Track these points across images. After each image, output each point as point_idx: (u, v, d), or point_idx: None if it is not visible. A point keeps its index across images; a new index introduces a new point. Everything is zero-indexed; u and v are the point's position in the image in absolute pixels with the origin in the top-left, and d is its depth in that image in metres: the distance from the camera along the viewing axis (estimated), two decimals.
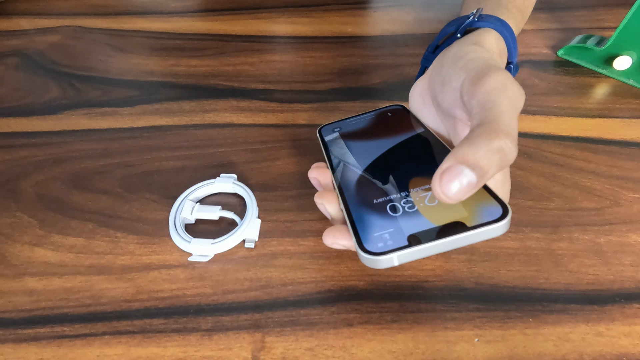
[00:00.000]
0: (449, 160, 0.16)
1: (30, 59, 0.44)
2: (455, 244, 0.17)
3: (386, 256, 0.17)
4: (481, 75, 0.19)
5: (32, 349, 0.23)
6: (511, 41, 0.26)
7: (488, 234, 0.17)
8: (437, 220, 0.18)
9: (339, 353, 0.22)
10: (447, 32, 0.28)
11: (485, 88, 0.18)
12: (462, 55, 0.22)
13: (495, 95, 0.18)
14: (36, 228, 0.28)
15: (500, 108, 0.17)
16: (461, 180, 0.15)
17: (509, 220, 0.17)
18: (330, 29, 0.48)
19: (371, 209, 0.20)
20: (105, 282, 0.25)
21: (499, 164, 0.16)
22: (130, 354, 0.22)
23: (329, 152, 0.26)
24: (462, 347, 0.22)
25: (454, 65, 0.22)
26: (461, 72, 0.21)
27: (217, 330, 0.23)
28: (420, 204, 0.19)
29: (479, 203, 0.18)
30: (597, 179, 0.30)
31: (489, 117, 0.17)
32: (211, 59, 0.44)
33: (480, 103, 0.18)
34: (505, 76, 0.19)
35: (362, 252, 0.18)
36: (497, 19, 0.26)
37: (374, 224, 0.19)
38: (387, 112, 0.28)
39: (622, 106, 0.36)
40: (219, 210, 0.28)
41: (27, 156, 0.34)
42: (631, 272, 0.25)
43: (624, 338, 0.22)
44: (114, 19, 0.51)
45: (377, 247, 0.18)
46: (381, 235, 0.18)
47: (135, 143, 0.34)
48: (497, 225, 0.17)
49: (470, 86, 0.19)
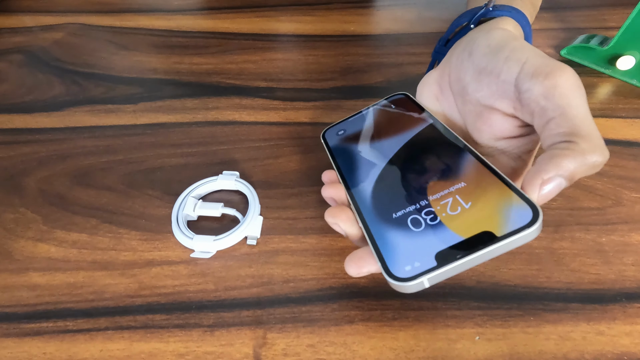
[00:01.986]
0: (551, 169, 0.16)
1: (34, 56, 0.45)
2: (486, 256, 0.16)
3: (416, 281, 0.16)
4: (547, 72, 0.18)
5: (36, 344, 0.23)
6: (527, 29, 0.26)
7: (520, 240, 0.15)
8: (464, 232, 0.17)
9: (340, 350, 0.22)
10: (459, 24, 0.27)
11: (560, 91, 0.18)
12: (502, 43, 0.21)
13: (572, 98, 0.18)
14: (40, 224, 0.29)
15: (580, 113, 0.17)
16: (555, 187, 0.16)
17: (541, 222, 0.15)
18: (333, 27, 0.48)
19: (392, 225, 0.19)
20: (108, 277, 0.26)
21: (586, 173, 0.17)
22: (133, 349, 0.22)
23: (337, 160, 0.24)
24: (463, 345, 0.22)
25: (495, 54, 0.21)
26: (511, 64, 0.20)
27: (219, 326, 0.23)
28: (443, 214, 0.18)
29: (507, 206, 0.16)
30: (600, 179, 0.30)
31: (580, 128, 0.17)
32: (214, 57, 0.44)
33: (557, 106, 0.18)
34: (574, 74, 0.18)
35: (390, 279, 0.17)
36: (512, 7, 0.26)
37: (397, 243, 0.18)
38: (391, 105, 0.26)
39: (625, 106, 0.36)
40: (221, 207, 0.28)
41: (30, 152, 0.34)
42: (633, 271, 0.25)
43: (625, 337, 0.22)
44: (117, 17, 0.51)
45: (404, 272, 0.17)
46: (407, 257, 0.17)
47: (138, 140, 0.35)
48: (529, 231, 0.15)
49: (536, 83, 0.19)
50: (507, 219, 0.16)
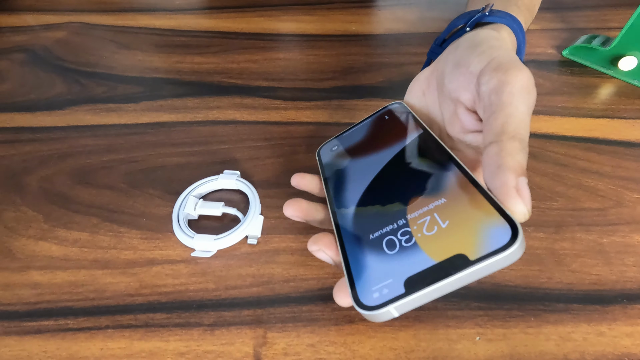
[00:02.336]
0: (512, 175, 0.15)
1: (35, 55, 0.45)
2: (460, 282, 0.15)
3: (382, 310, 0.15)
4: (506, 68, 0.18)
5: (36, 342, 0.23)
6: (521, 37, 0.26)
7: (497, 265, 0.14)
8: (437, 255, 0.15)
9: (341, 349, 0.22)
10: (456, 25, 0.27)
11: (510, 88, 0.18)
12: (483, 40, 0.21)
13: (519, 99, 0.18)
14: (41, 222, 0.29)
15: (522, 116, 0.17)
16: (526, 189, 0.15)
17: (522, 242, 0.14)
18: (334, 27, 0.48)
19: (367, 248, 0.18)
20: (109, 276, 0.26)
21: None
22: (133, 348, 0.23)
23: (326, 179, 0.24)
24: (464, 345, 0.22)
25: (474, 48, 0.21)
26: (482, 57, 0.20)
27: (219, 325, 0.23)
28: (419, 234, 0.17)
29: (482, 224, 0.15)
30: (601, 180, 0.30)
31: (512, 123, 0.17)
32: (215, 57, 0.44)
33: (503, 103, 0.18)
34: (530, 79, 0.18)
35: (357, 307, 0.16)
36: (508, 15, 0.26)
37: (370, 268, 0.17)
38: (384, 116, 0.26)
39: (627, 107, 0.36)
40: (222, 206, 0.28)
41: (32, 151, 0.34)
42: (634, 272, 0.25)
43: (626, 338, 0.22)
44: (118, 16, 0.51)
45: (372, 300, 0.15)
46: (377, 283, 0.16)
47: (139, 139, 0.35)
48: (507, 254, 0.14)
49: (491, 77, 0.19)
50: (483, 239, 0.15)
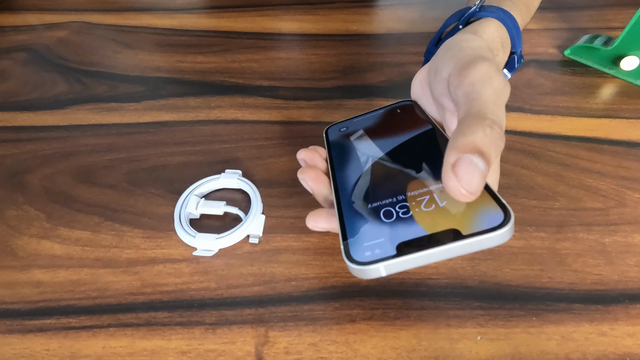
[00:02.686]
0: (452, 153, 0.15)
1: (37, 54, 0.45)
2: (448, 253, 0.16)
3: (372, 266, 0.16)
4: (467, 65, 0.19)
5: (39, 340, 0.23)
6: (514, 30, 0.26)
7: (487, 242, 0.16)
8: (430, 228, 0.17)
9: (342, 348, 0.22)
10: (450, 23, 0.28)
11: (470, 79, 0.18)
12: (455, 44, 0.22)
13: (480, 86, 0.17)
14: (43, 221, 0.29)
15: (485, 98, 0.17)
16: (474, 169, 0.14)
17: (512, 227, 0.15)
18: (336, 26, 0.48)
19: (364, 215, 0.19)
20: (111, 275, 0.26)
21: (495, 149, 0.15)
22: (135, 346, 0.23)
23: (331, 152, 0.25)
24: (465, 345, 0.22)
25: (445, 54, 0.22)
26: (450, 62, 0.20)
27: (221, 324, 0.23)
28: (416, 209, 0.18)
29: (478, 207, 0.17)
30: (603, 179, 0.30)
31: (474, 107, 0.17)
32: (217, 56, 0.44)
33: (466, 94, 0.18)
34: (490, 67, 0.18)
35: (348, 262, 0.17)
36: (498, 8, 0.26)
37: (364, 231, 0.18)
38: (396, 109, 0.27)
39: (629, 107, 0.36)
40: (223, 205, 0.28)
41: (34, 150, 0.34)
42: (636, 272, 0.25)
43: (628, 338, 0.22)
44: (120, 15, 0.51)
45: (364, 257, 0.17)
46: (370, 244, 0.17)
47: (141, 138, 0.35)
48: (497, 234, 0.15)
49: (456, 76, 0.19)
50: (477, 219, 0.16)
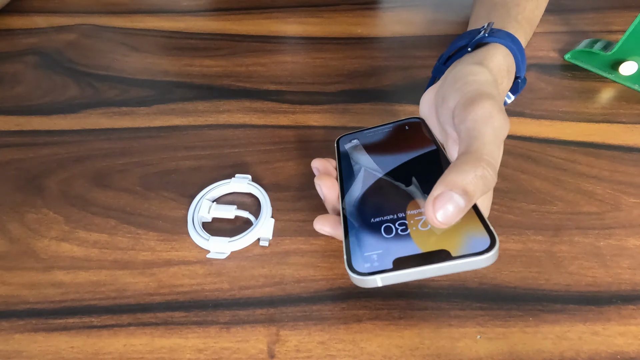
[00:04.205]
0: (439, 187, 0.17)
1: (48, 57, 0.46)
2: (438, 271, 0.18)
3: (370, 277, 0.18)
4: (471, 101, 0.20)
5: (63, 338, 0.24)
6: (520, 57, 0.27)
7: (473, 264, 0.17)
8: (424, 246, 0.19)
9: (349, 347, 0.24)
10: (458, 45, 0.28)
11: (473, 116, 0.20)
12: (462, 76, 0.23)
13: (481, 124, 0.19)
14: (62, 224, 0.30)
15: (485, 138, 0.19)
16: (452, 205, 0.17)
17: (496, 252, 0.17)
18: (340, 29, 0.48)
19: (367, 228, 0.21)
20: (129, 276, 0.27)
21: (482, 189, 0.17)
22: (154, 344, 0.24)
23: (341, 164, 0.27)
24: (465, 344, 0.24)
25: (453, 84, 0.23)
26: (456, 94, 0.22)
27: (234, 323, 0.25)
28: (413, 228, 0.20)
29: (468, 232, 0.18)
30: (599, 184, 0.31)
31: (473, 145, 0.18)
32: (224, 59, 0.45)
33: (467, 130, 0.19)
34: (492, 106, 0.20)
35: (350, 271, 0.19)
36: (506, 34, 0.27)
37: (366, 243, 0.20)
38: (405, 126, 0.28)
39: (627, 111, 0.37)
40: (234, 209, 0.29)
41: (50, 154, 0.35)
42: (629, 274, 0.26)
43: (619, 337, 0.24)
44: (127, 18, 0.52)
45: (363, 267, 0.19)
46: (370, 256, 0.19)
47: (152, 142, 0.36)
48: (482, 258, 0.17)
49: (461, 111, 0.21)
50: (466, 243, 0.18)
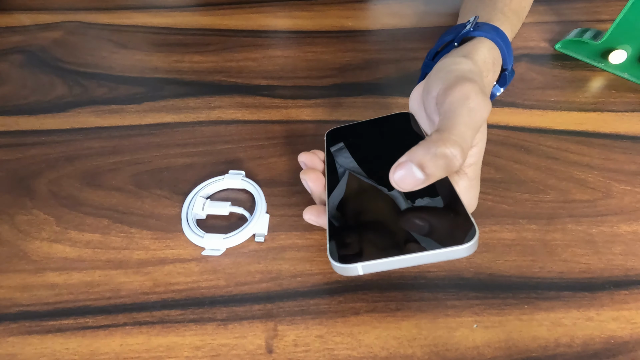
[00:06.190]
0: (404, 157, 0.18)
1: (34, 56, 0.45)
2: (419, 260, 0.18)
3: (351, 265, 0.19)
4: (450, 85, 0.21)
5: (58, 340, 0.24)
6: (505, 49, 0.27)
7: (453, 254, 0.18)
8: (406, 237, 0.19)
9: (347, 339, 0.24)
10: (445, 40, 0.29)
11: (450, 98, 0.20)
12: (445, 66, 0.24)
13: (457, 105, 0.20)
14: (53, 225, 0.30)
15: (457, 118, 0.19)
16: (409, 176, 0.18)
17: (476, 242, 0.17)
18: (331, 23, 0.48)
19: (349, 219, 0.22)
20: (123, 275, 0.27)
21: (444, 168, 0.18)
22: (151, 343, 0.24)
23: (328, 158, 0.27)
24: (462, 333, 0.24)
25: (436, 75, 0.24)
26: (439, 82, 0.22)
27: (231, 320, 0.25)
28: (396, 219, 0.21)
29: (449, 222, 0.19)
30: (591, 172, 0.31)
31: (445, 125, 0.19)
32: (214, 55, 0.44)
33: (444, 112, 0.20)
34: (470, 87, 0.20)
35: (331, 259, 0.19)
36: (492, 28, 0.27)
37: (348, 232, 0.21)
38: (394, 120, 0.28)
39: (617, 100, 0.37)
40: (229, 205, 0.29)
41: (38, 154, 0.34)
42: (620, 260, 0.26)
43: (612, 322, 0.24)
44: (114, 14, 0.51)
45: (345, 257, 0.19)
46: (352, 245, 0.20)
47: (143, 140, 0.35)
48: (462, 247, 0.17)
49: (441, 96, 0.21)
50: (447, 233, 0.19)
